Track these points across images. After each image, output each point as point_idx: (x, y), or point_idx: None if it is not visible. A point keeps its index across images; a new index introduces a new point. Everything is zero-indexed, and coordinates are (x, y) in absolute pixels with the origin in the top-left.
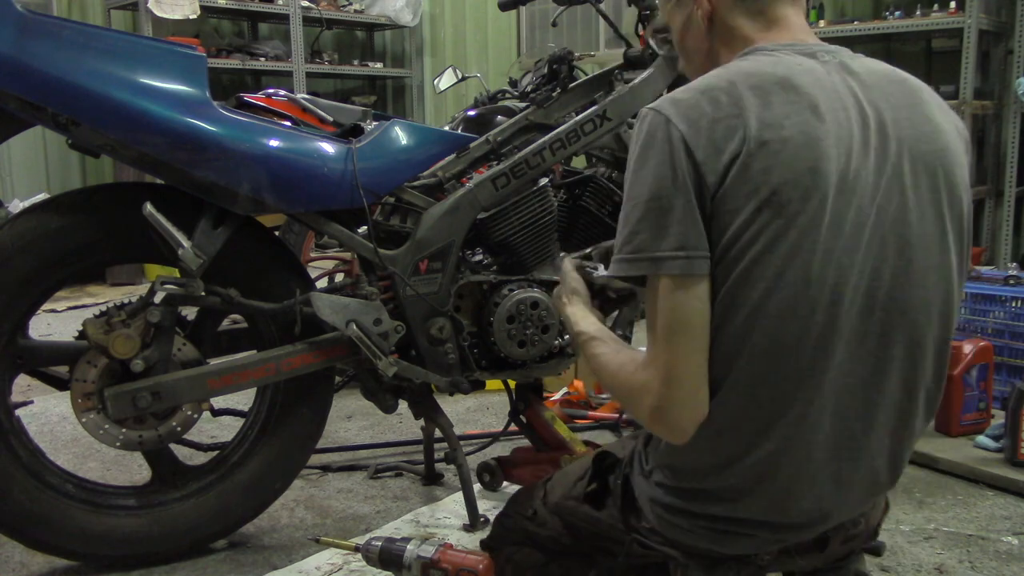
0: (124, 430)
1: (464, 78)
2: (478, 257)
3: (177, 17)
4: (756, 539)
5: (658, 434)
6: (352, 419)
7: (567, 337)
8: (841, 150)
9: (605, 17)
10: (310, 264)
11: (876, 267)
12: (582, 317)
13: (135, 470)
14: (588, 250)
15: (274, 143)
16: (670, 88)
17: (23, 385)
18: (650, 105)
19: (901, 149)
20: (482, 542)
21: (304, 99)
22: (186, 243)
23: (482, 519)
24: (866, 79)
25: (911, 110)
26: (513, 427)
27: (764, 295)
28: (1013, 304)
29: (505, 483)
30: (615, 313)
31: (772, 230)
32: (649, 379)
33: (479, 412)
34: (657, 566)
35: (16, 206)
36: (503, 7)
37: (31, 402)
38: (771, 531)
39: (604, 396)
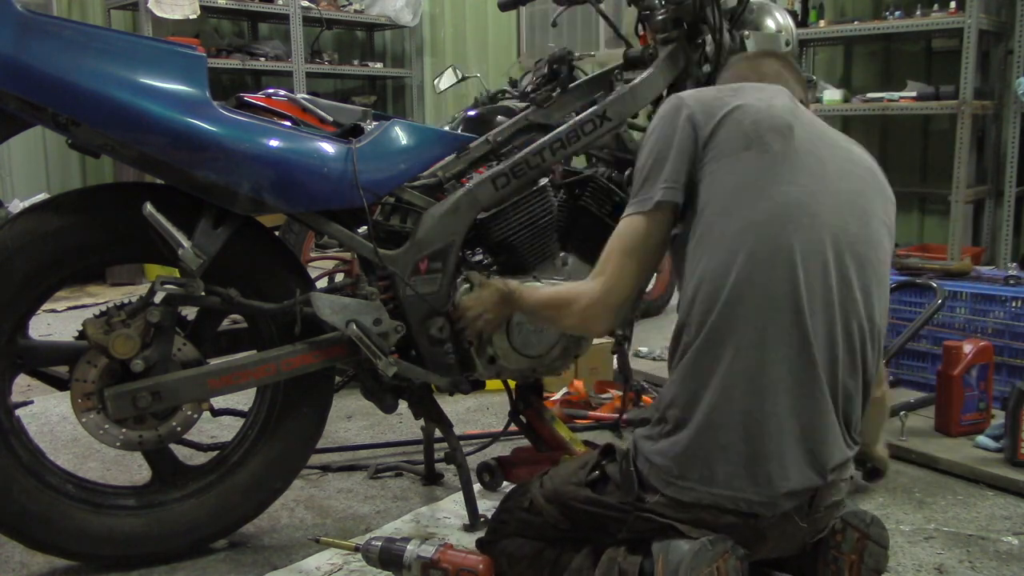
0: (124, 430)
1: (464, 78)
2: (478, 257)
3: (177, 17)
4: (755, 492)
5: (577, 328)
6: (352, 419)
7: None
8: (813, 133)
9: (605, 17)
10: (310, 264)
11: (843, 219)
12: (516, 283)
13: (135, 470)
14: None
15: (274, 143)
16: (669, 90)
17: (23, 385)
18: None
19: (839, 151)
20: (478, 541)
21: (304, 99)
22: (186, 243)
23: (482, 519)
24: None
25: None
26: (513, 427)
27: (754, 212)
28: (1013, 304)
29: (505, 483)
30: None
31: (758, 164)
32: (591, 286)
33: (479, 412)
34: (645, 542)
35: (16, 206)
36: (503, 7)
37: (31, 402)
38: (761, 484)
39: (604, 396)
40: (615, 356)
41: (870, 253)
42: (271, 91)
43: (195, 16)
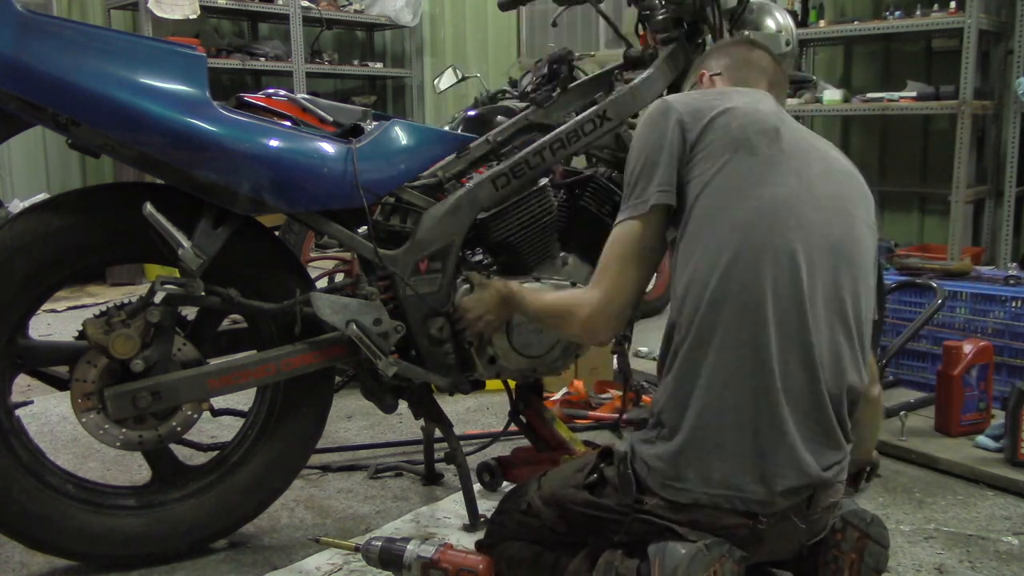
0: (124, 430)
1: (464, 78)
2: (478, 257)
3: (177, 17)
4: (752, 490)
5: (580, 337)
6: (352, 419)
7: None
8: (798, 136)
9: (605, 17)
10: (310, 264)
11: (827, 220)
12: (518, 285)
13: (135, 470)
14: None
15: (274, 143)
16: (669, 90)
17: (23, 385)
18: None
19: (820, 155)
20: (477, 543)
21: (304, 99)
22: (186, 243)
23: (482, 519)
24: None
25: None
26: (513, 427)
27: (740, 212)
28: (1013, 304)
29: (505, 483)
30: None
31: (745, 165)
32: (592, 296)
33: (479, 412)
34: (642, 545)
35: (16, 206)
36: (503, 7)
37: (31, 402)
38: (760, 480)
39: (604, 396)
40: (615, 356)
41: (854, 252)
42: (271, 91)
43: (195, 16)
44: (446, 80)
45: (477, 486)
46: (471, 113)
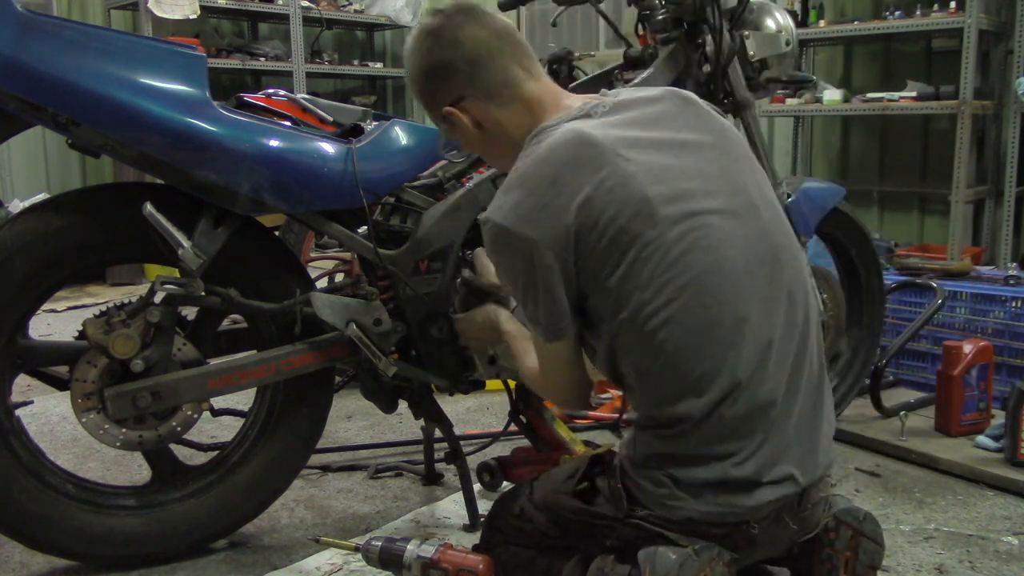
0: (124, 430)
1: None
2: None
3: (177, 17)
4: (750, 496)
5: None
6: (352, 419)
7: None
8: (654, 171)
9: (605, 17)
10: (310, 264)
11: (744, 240)
12: (507, 319)
13: (135, 470)
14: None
15: (274, 143)
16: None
17: (23, 385)
18: (484, 215)
19: (703, 137)
20: (474, 547)
21: (304, 99)
22: (186, 243)
23: (482, 519)
24: (641, 104)
25: (686, 107)
26: (513, 427)
27: (675, 308)
28: (1013, 304)
29: (505, 483)
30: None
31: (646, 260)
32: (545, 385)
33: (479, 412)
34: (633, 550)
35: (16, 206)
36: (503, 7)
37: (31, 402)
38: (756, 486)
39: (604, 396)
40: None
41: (777, 240)
42: (271, 91)
43: (195, 16)
44: None
45: (477, 486)
46: None
